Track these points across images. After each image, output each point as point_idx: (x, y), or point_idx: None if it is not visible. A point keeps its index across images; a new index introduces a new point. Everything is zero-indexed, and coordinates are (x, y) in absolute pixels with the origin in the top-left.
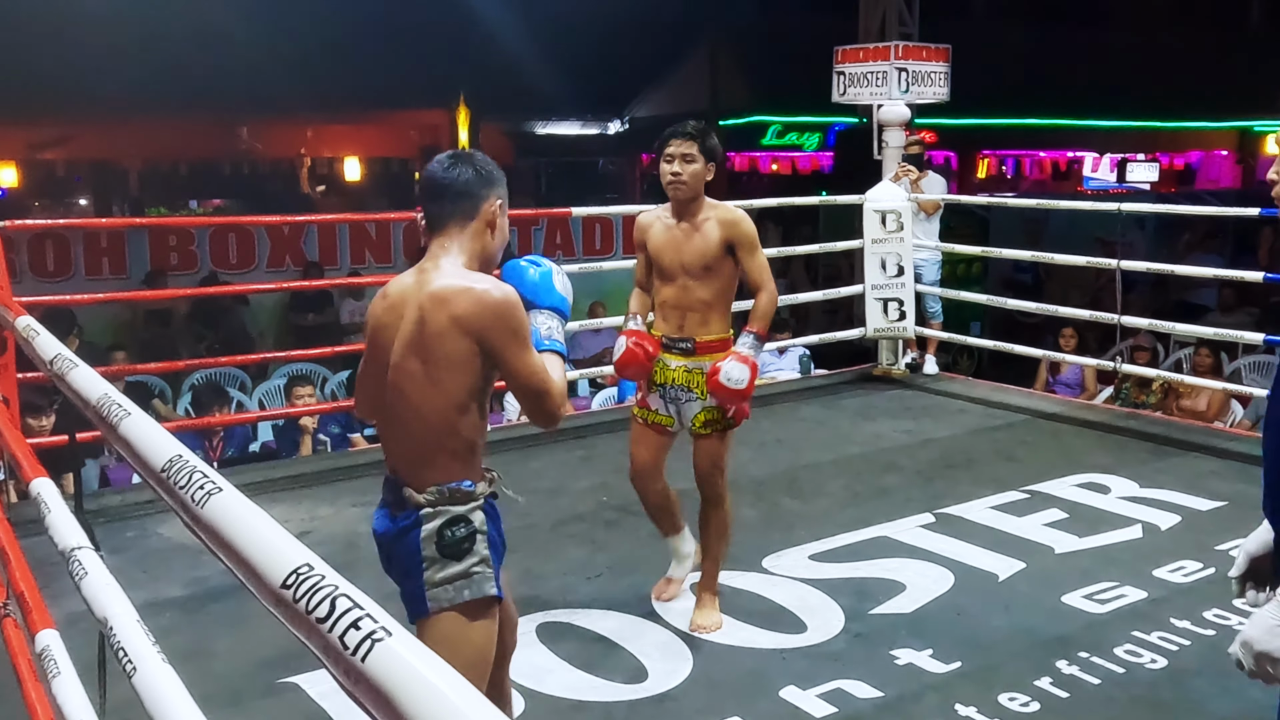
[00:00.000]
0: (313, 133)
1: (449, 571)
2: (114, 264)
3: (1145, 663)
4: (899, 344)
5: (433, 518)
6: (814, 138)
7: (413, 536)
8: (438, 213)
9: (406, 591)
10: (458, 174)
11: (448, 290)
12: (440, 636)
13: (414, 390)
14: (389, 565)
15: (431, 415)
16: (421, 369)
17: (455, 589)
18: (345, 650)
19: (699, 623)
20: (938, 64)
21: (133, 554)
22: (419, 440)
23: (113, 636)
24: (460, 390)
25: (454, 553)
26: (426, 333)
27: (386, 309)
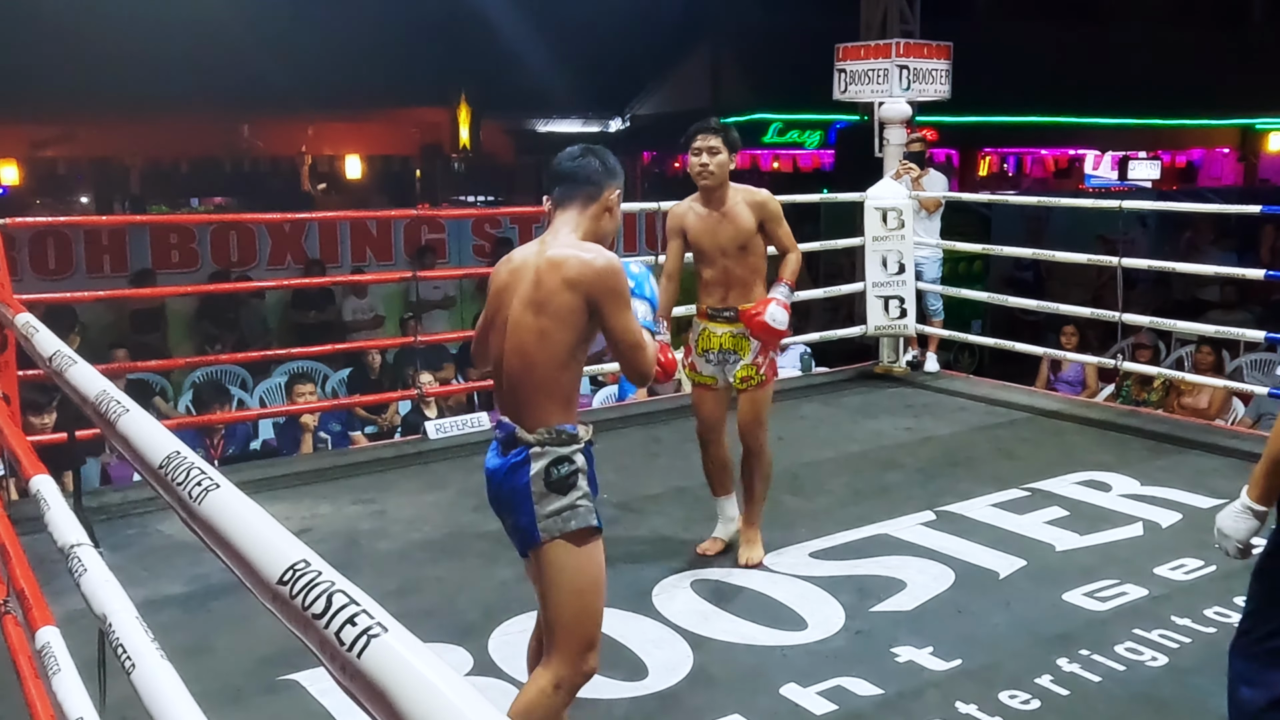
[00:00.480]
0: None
1: (556, 504)
2: (115, 262)
3: (1146, 660)
4: (900, 342)
5: (540, 456)
6: (815, 135)
7: (522, 472)
8: (564, 194)
9: (519, 524)
10: (586, 163)
11: (561, 256)
12: (553, 562)
13: (528, 343)
14: (498, 500)
15: (541, 365)
16: (535, 323)
17: (563, 519)
18: (341, 646)
19: (746, 556)
20: (939, 61)
21: (133, 551)
22: (530, 387)
23: (112, 633)
24: (566, 343)
25: (559, 487)
26: (542, 292)
27: (510, 272)
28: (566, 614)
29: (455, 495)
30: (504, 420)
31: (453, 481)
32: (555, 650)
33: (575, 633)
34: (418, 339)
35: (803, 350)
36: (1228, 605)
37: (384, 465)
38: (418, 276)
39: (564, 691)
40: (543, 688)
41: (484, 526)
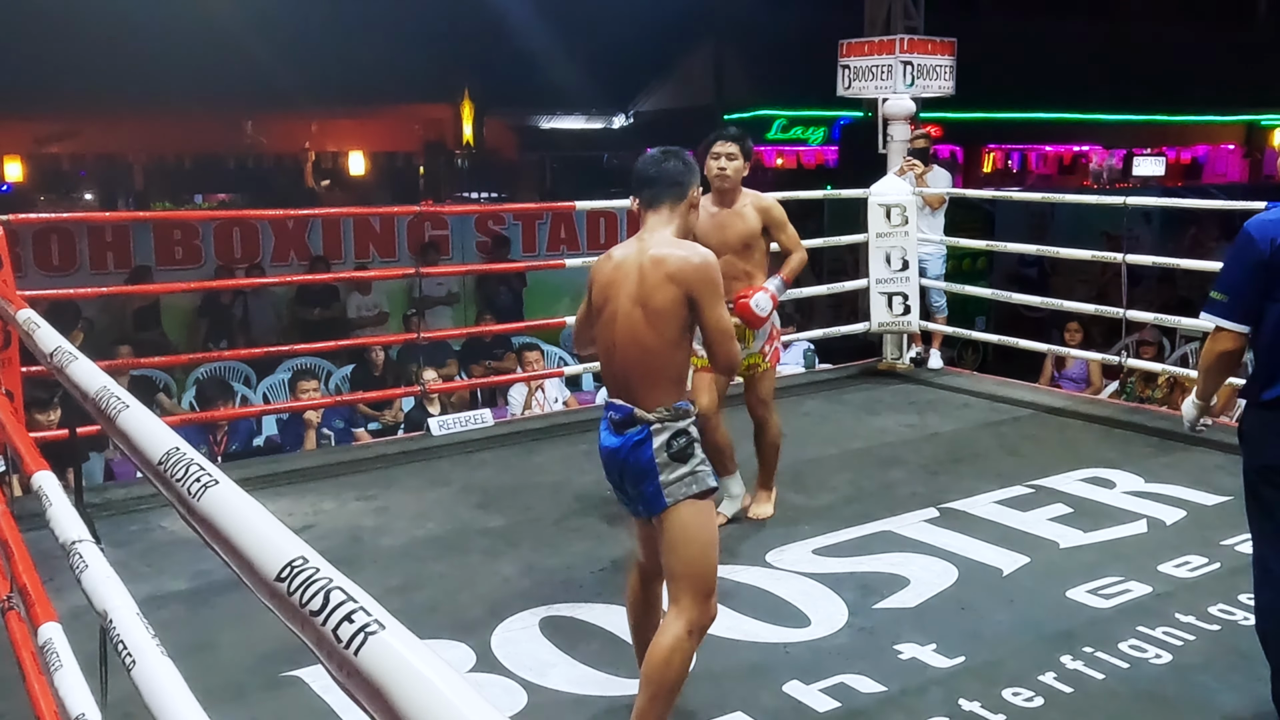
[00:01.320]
0: (317, 127)
1: (679, 472)
2: (119, 258)
3: (1150, 658)
4: (904, 338)
5: (660, 431)
6: (819, 132)
7: (645, 447)
8: (654, 195)
9: (644, 493)
10: (672, 165)
11: (662, 254)
12: (681, 523)
13: (640, 332)
14: (621, 474)
15: (654, 351)
16: (643, 315)
17: (685, 485)
18: (339, 643)
19: (755, 511)
20: (943, 57)
21: (136, 547)
22: (645, 371)
23: (112, 630)
24: (673, 331)
25: (680, 457)
26: (647, 286)
27: (613, 268)
28: (695, 566)
29: (458, 492)
30: (617, 403)
31: (456, 478)
32: (684, 599)
33: (702, 582)
34: (421, 335)
35: (806, 347)
36: (1232, 602)
37: (387, 462)
38: (421, 273)
39: (696, 635)
40: (678, 634)
41: (487, 523)
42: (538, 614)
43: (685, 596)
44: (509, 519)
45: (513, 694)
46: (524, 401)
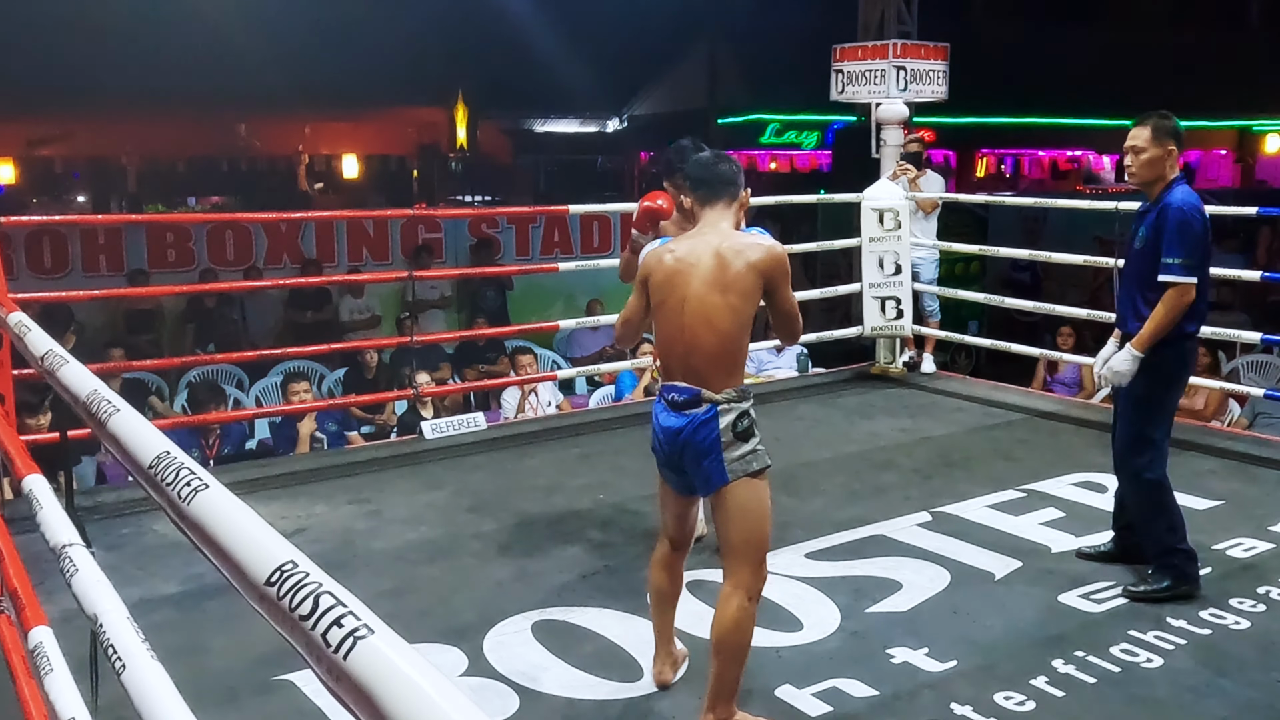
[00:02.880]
0: (311, 130)
1: (742, 450)
2: (111, 261)
3: (1141, 662)
4: (897, 342)
5: (727, 412)
6: (812, 136)
7: (712, 425)
8: (713, 193)
9: (706, 469)
10: (727, 167)
11: (744, 244)
12: (740, 497)
13: (716, 316)
14: (681, 453)
15: (728, 335)
16: (723, 301)
17: (746, 462)
18: (327, 648)
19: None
20: (936, 62)
21: (128, 551)
22: (716, 355)
23: (103, 633)
24: (747, 316)
25: (744, 436)
26: (729, 274)
27: (677, 260)
28: (754, 537)
29: (451, 495)
30: (680, 384)
31: (449, 482)
32: (742, 568)
33: (757, 551)
34: (414, 339)
35: (799, 351)
36: (1223, 607)
37: (380, 465)
38: (414, 276)
39: (755, 600)
40: (741, 604)
41: (480, 527)
42: (530, 618)
43: (744, 567)
44: (501, 523)
45: (505, 698)
46: (517, 405)
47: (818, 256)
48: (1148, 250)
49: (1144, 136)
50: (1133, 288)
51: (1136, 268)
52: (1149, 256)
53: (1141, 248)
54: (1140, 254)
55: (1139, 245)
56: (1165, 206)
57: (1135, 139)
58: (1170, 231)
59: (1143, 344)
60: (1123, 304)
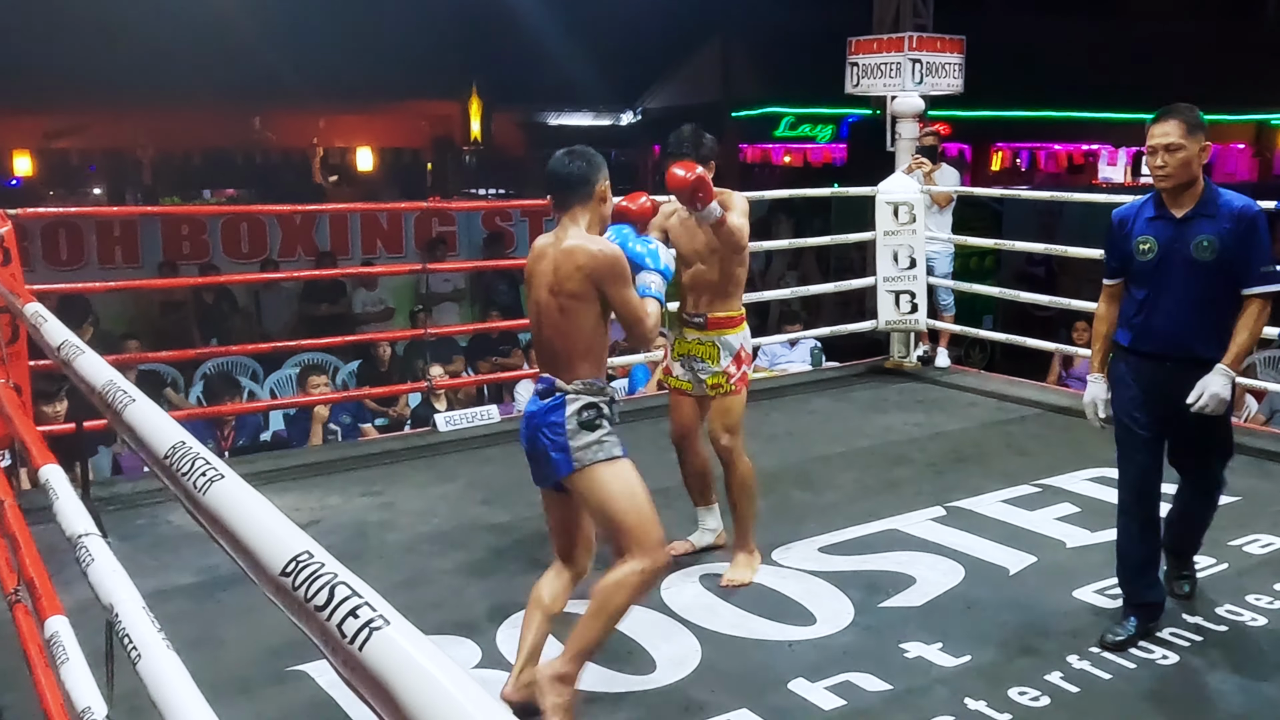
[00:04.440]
0: (325, 123)
1: (587, 439)
2: (127, 253)
3: (1157, 659)
4: (911, 336)
5: (574, 401)
6: (827, 130)
7: (559, 413)
8: (564, 197)
9: (554, 457)
10: (576, 167)
11: (575, 247)
12: (596, 482)
13: (555, 316)
14: (534, 441)
15: (568, 332)
16: (556, 301)
17: (592, 451)
18: (343, 638)
19: (729, 577)
20: (952, 55)
21: (143, 541)
22: (563, 349)
23: (118, 623)
24: (586, 313)
25: (589, 425)
26: (559, 276)
27: (534, 259)
28: (628, 516)
29: (464, 488)
30: (544, 375)
31: (462, 474)
32: (632, 550)
33: (641, 530)
34: (427, 331)
35: (813, 345)
36: (1239, 603)
37: (393, 457)
38: (428, 269)
39: (648, 576)
40: (631, 569)
41: (493, 519)
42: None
43: (633, 547)
44: (515, 515)
45: None
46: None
47: (831, 250)
48: (1221, 263)
49: (1179, 132)
50: (1202, 306)
51: (1204, 282)
52: (1223, 269)
53: (1214, 259)
54: (1211, 267)
55: (1208, 257)
56: (1244, 211)
57: (1167, 135)
58: (1258, 238)
59: (1238, 362)
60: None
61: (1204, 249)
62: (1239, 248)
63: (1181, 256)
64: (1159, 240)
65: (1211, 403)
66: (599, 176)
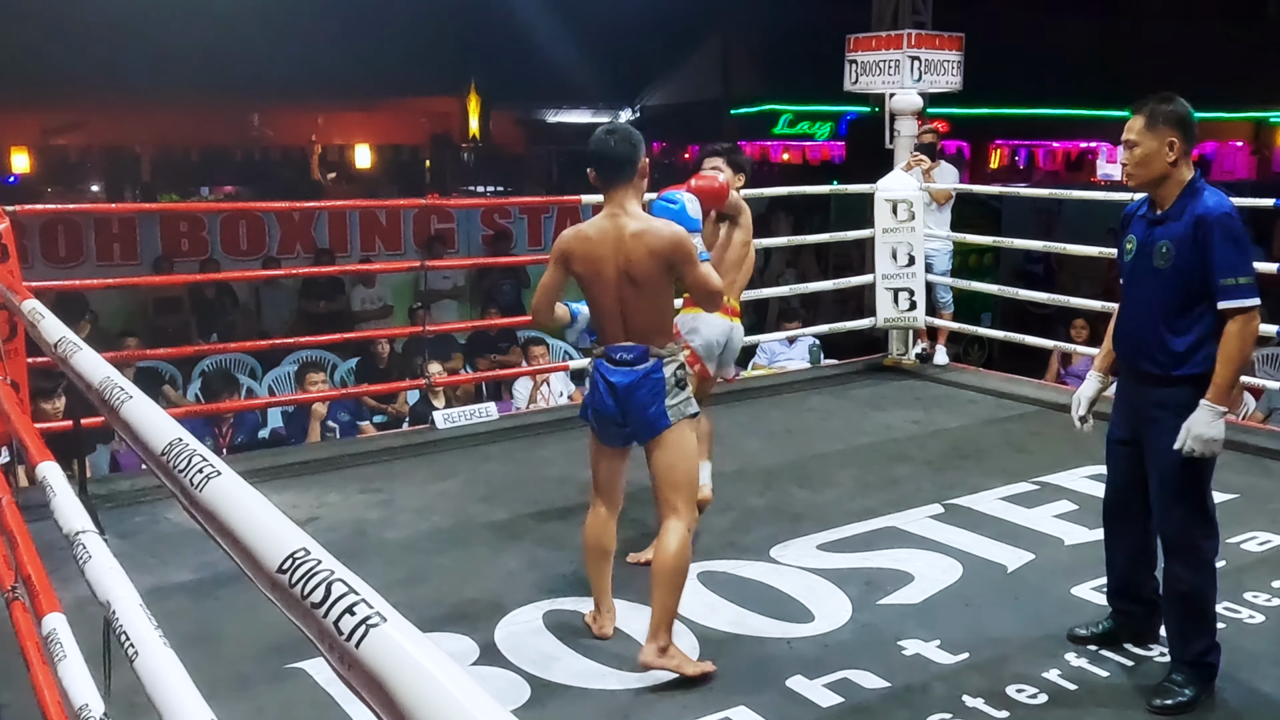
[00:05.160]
0: (324, 120)
1: (681, 396)
2: (125, 250)
3: (1154, 656)
4: (909, 334)
5: (670, 363)
6: (825, 127)
7: (659, 375)
8: (612, 175)
9: (651, 414)
10: (622, 148)
11: (640, 230)
12: (681, 439)
13: (636, 293)
14: (625, 405)
15: (651, 305)
16: (634, 280)
17: (684, 405)
18: (340, 635)
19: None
20: (951, 53)
21: (142, 539)
22: (649, 320)
23: (115, 620)
24: (661, 286)
25: (682, 384)
26: (633, 258)
27: (594, 240)
28: (690, 475)
29: (463, 485)
30: (627, 344)
31: (461, 471)
32: (681, 505)
33: (691, 486)
34: (426, 329)
35: (811, 342)
36: (1237, 600)
37: (392, 455)
38: (426, 266)
39: (692, 532)
40: (682, 536)
41: (492, 516)
42: (541, 607)
43: (682, 503)
44: (513, 512)
45: (516, 687)
46: (529, 395)
47: (830, 247)
48: (1179, 271)
49: (1137, 127)
50: (1155, 316)
51: (1160, 292)
52: (1179, 277)
53: (1168, 267)
54: (1167, 275)
55: (1163, 264)
56: (1203, 216)
57: (1129, 130)
58: (1223, 247)
59: (1224, 395)
60: (1134, 335)
61: (1162, 255)
62: (1194, 256)
63: (1148, 261)
64: (1139, 241)
65: (1197, 445)
66: (641, 154)
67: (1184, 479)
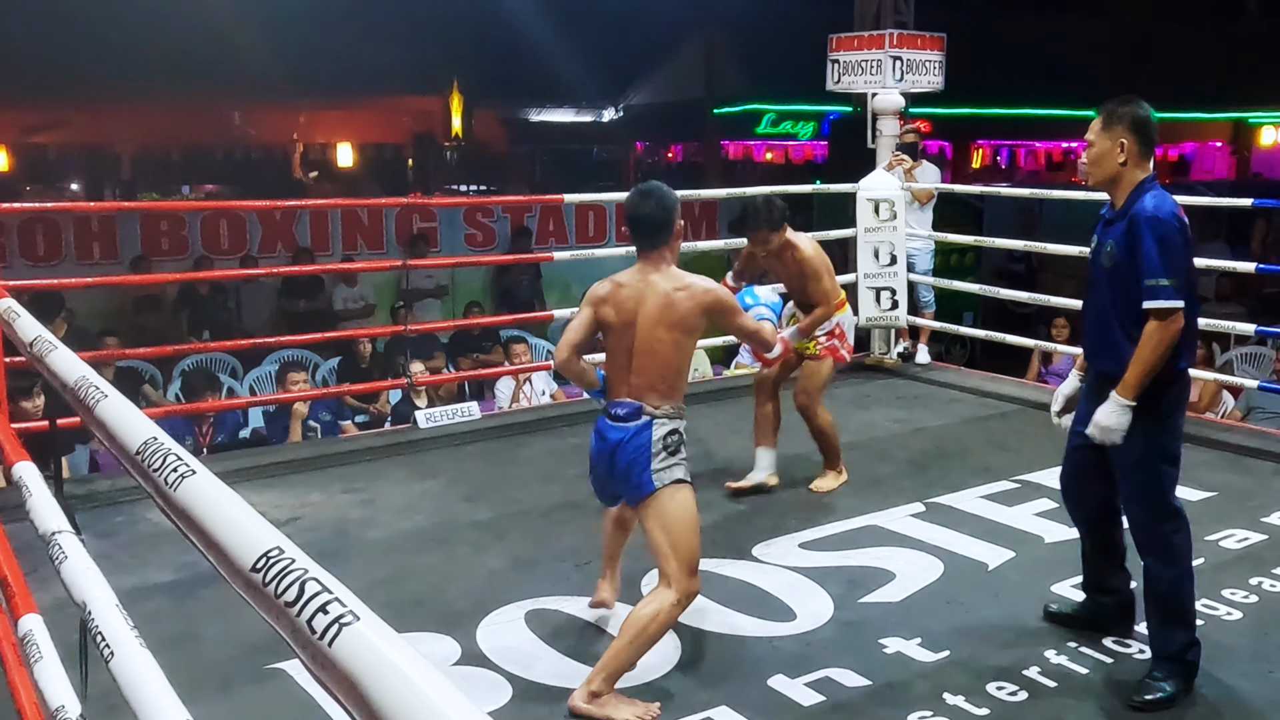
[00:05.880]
0: (306, 118)
1: (669, 462)
2: (105, 248)
3: (1133, 652)
4: (891, 333)
5: (661, 425)
6: (808, 126)
7: (646, 435)
8: (649, 240)
9: (633, 477)
10: (657, 214)
11: (689, 285)
12: (666, 503)
13: (660, 348)
14: (611, 464)
15: (669, 363)
16: (669, 335)
17: (670, 472)
18: (313, 634)
19: (816, 484)
20: (933, 53)
21: (121, 539)
22: (657, 378)
23: (91, 621)
24: (689, 347)
25: (673, 450)
26: (676, 313)
27: (626, 294)
28: (682, 542)
29: (445, 485)
30: (625, 400)
31: (443, 471)
32: (674, 573)
33: (689, 556)
34: (408, 328)
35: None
36: (1215, 597)
37: (374, 454)
38: (408, 265)
39: (683, 604)
40: (668, 599)
41: (474, 516)
42: (524, 607)
43: (676, 571)
44: (496, 512)
45: (498, 686)
46: (511, 394)
47: None
48: (1119, 270)
49: (1095, 127)
50: (1107, 315)
51: (1108, 291)
52: (1121, 277)
53: (1111, 266)
54: (1111, 274)
55: (1107, 264)
56: (1135, 216)
57: (1090, 130)
58: (1148, 247)
59: (1131, 391)
60: (1092, 334)
61: (1108, 255)
62: (1127, 255)
63: (1099, 261)
64: (1096, 241)
65: (1097, 433)
66: (676, 217)
67: (1141, 477)
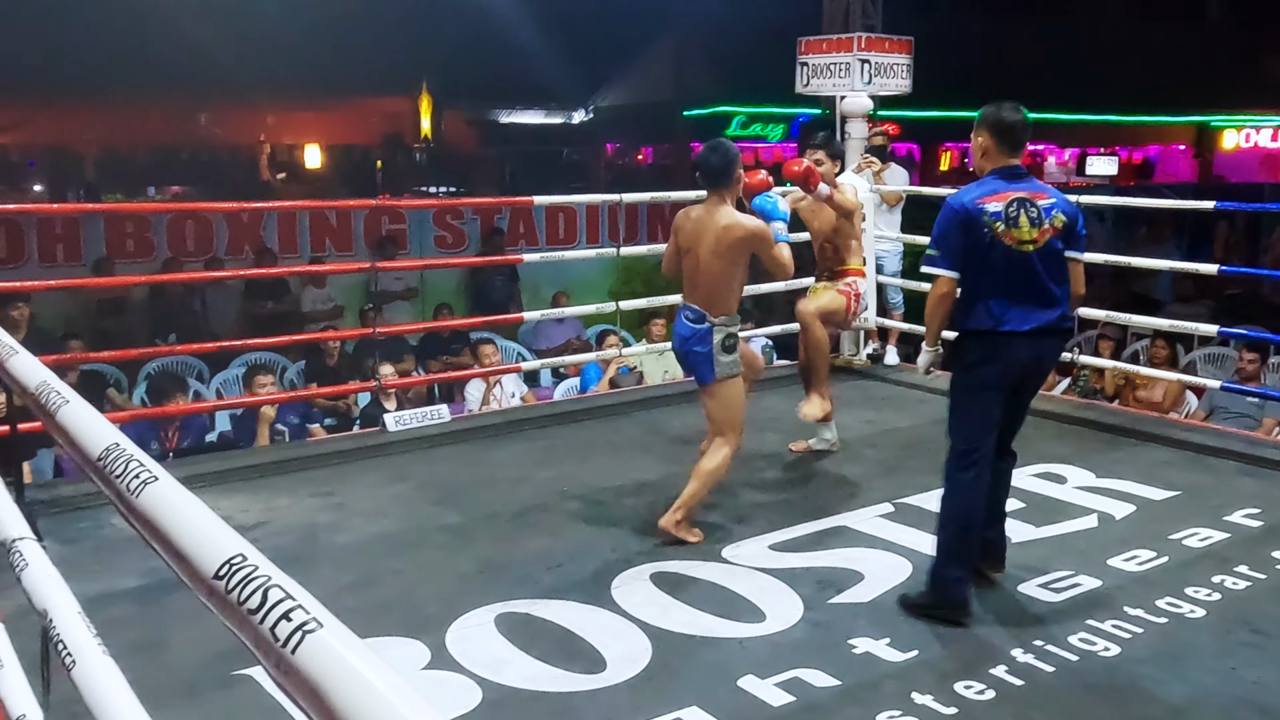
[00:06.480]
0: (273, 119)
1: (725, 360)
2: (69, 251)
3: (1099, 651)
4: (860, 335)
5: (719, 330)
6: (778, 129)
7: (708, 338)
8: (711, 182)
9: (699, 368)
10: (721, 162)
11: (732, 223)
12: (725, 391)
13: (713, 269)
14: (684, 352)
15: (721, 283)
16: (718, 261)
17: (727, 368)
18: (275, 642)
19: (803, 409)
20: (900, 56)
21: (86, 545)
22: (713, 292)
23: (52, 629)
24: (738, 268)
25: (729, 349)
26: (723, 244)
27: (694, 224)
28: (733, 416)
29: (415, 488)
30: (694, 307)
31: (412, 474)
32: (728, 435)
33: (737, 425)
34: (377, 330)
35: (764, 343)
36: (1179, 595)
37: (343, 458)
38: (377, 267)
39: (732, 456)
40: (726, 453)
41: (444, 519)
42: (494, 610)
43: (728, 433)
44: (466, 515)
45: (468, 691)
46: (481, 397)
47: None
48: None
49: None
50: None
51: None
52: None
53: None
54: None
55: None
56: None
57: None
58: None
59: (927, 338)
60: None
61: None
62: None
63: None
64: None
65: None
66: (737, 167)
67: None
